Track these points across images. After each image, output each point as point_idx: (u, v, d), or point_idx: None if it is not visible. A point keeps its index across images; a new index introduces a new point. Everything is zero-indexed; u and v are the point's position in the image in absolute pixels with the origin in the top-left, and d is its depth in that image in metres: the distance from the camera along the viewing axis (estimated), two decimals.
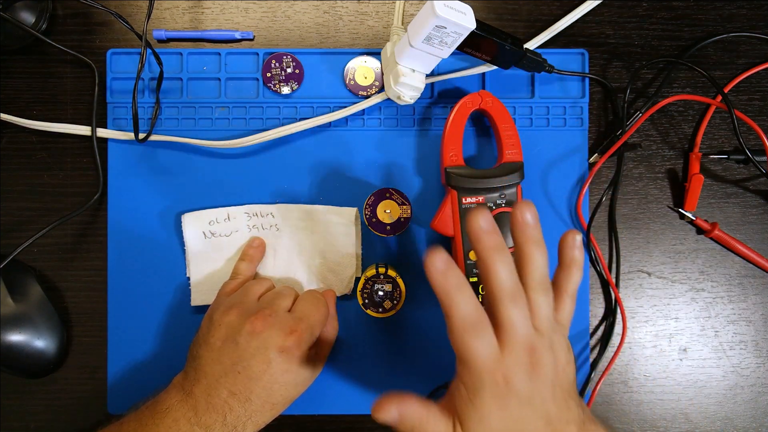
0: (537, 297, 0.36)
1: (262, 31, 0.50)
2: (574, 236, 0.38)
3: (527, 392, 0.35)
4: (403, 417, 0.36)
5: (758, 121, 0.48)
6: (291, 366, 0.41)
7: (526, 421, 0.35)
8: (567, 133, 0.50)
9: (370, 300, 0.46)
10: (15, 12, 0.47)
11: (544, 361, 0.36)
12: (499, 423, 0.35)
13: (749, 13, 0.51)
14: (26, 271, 0.48)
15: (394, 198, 0.47)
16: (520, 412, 0.35)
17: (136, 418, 0.41)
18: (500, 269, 0.35)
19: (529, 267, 0.36)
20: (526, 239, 0.36)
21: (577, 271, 0.38)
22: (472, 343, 0.34)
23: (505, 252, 0.35)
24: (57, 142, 0.50)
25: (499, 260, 0.35)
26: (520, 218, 0.36)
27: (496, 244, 0.35)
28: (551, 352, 0.36)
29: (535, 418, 0.36)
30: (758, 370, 0.50)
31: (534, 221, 0.36)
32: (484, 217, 0.35)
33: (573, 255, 0.38)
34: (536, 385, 0.35)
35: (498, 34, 0.44)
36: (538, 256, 0.36)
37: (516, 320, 0.35)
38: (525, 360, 0.35)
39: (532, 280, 0.36)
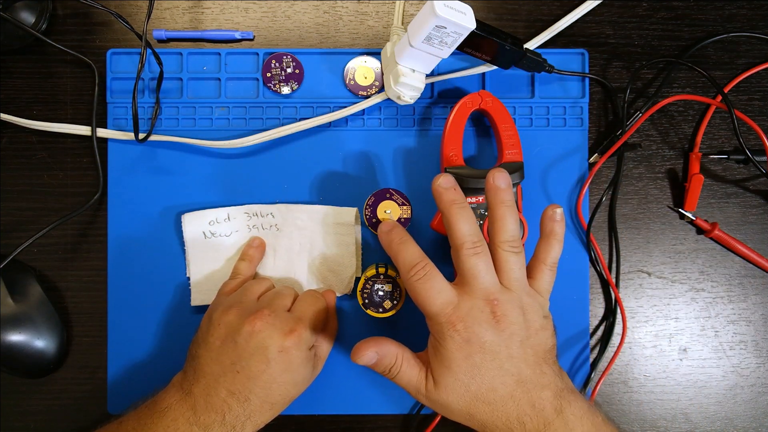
0: (506, 255, 0.38)
1: (262, 31, 0.50)
2: (554, 209, 0.40)
3: (491, 343, 0.36)
4: (381, 357, 0.39)
5: (758, 121, 0.48)
6: (290, 366, 0.41)
7: (492, 374, 0.36)
8: (567, 133, 0.50)
9: (370, 300, 0.46)
10: (15, 12, 0.47)
11: (510, 316, 0.37)
12: (466, 373, 0.36)
13: (749, 13, 0.51)
14: (26, 271, 0.49)
15: (394, 198, 0.47)
16: (484, 361, 0.36)
17: (135, 417, 0.41)
18: (460, 221, 0.37)
19: (498, 227, 0.38)
20: (497, 202, 0.38)
21: (557, 243, 0.40)
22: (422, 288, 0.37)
23: (466, 207, 0.38)
24: (57, 142, 0.50)
25: (459, 213, 0.37)
26: (492, 182, 0.39)
27: (456, 198, 0.38)
28: (520, 310, 0.37)
29: (502, 374, 0.36)
30: (758, 370, 0.50)
31: (505, 185, 0.39)
32: (444, 177, 0.38)
33: (552, 227, 0.40)
34: (502, 339, 0.36)
35: (498, 34, 0.44)
36: (507, 218, 0.38)
37: (475, 269, 0.37)
38: (486, 309, 0.37)
39: (501, 240, 0.38)
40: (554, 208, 0.40)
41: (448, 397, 0.37)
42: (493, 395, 0.37)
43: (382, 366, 0.39)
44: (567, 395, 0.37)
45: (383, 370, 0.40)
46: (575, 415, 0.37)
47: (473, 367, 0.36)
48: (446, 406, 0.38)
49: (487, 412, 0.37)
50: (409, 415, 0.49)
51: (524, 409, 0.36)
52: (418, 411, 0.49)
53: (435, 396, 0.38)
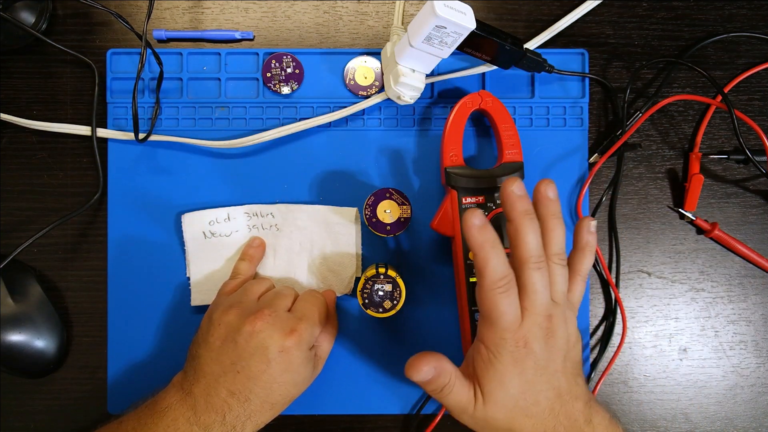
0: (556, 269, 0.38)
1: (262, 31, 0.50)
2: (589, 221, 0.40)
3: (543, 359, 0.37)
4: (437, 375, 0.37)
5: (758, 121, 0.48)
6: (290, 366, 0.41)
7: (539, 388, 0.37)
8: (567, 133, 0.50)
9: (370, 300, 0.46)
10: (15, 12, 0.47)
11: (559, 331, 0.37)
12: (517, 388, 0.37)
13: (749, 13, 0.51)
14: (26, 271, 0.48)
15: (394, 198, 0.47)
16: (534, 377, 0.37)
17: (135, 417, 0.41)
18: (530, 235, 0.37)
19: (550, 239, 0.38)
20: (548, 213, 0.38)
21: (590, 255, 0.40)
22: (500, 302, 0.35)
23: (536, 220, 0.37)
24: (57, 142, 0.50)
25: (529, 226, 0.37)
26: (543, 193, 0.38)
27: (530, 210, 0.37)
28: (565, 324, 0.38)
29: (547, 388, 0.37)
30: (758, 370, 0.50)
31: (555, 197, 0.38)
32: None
33: (588, 239, 0.40)
34: (551, 353, 0.37)
35: (498, 34, 0.44)
36: (558, 230, 0.38)
37: (539, 286, 0.36)
38: (543, 326, 0.37)
39: (553, 252, 0.38)
40: (589, 220, 0.40)
41: (496, 413, 0.37)
42: (536, 408, 0.37)
43: (436, 384, 0.37)
44: (594, 405, 0.38)
45: (435, 389, 0.38)
46: (602, 425, 0.38)
47: (526, 383, 0.36)
48: (491, 421, 0.37)
49: (528, 425, 0.37)
50: (409, 415, 0.49)
51: (561, 420, 0.37)
52: (418, 411, 0.49)
53: (482, 413, 0.37)
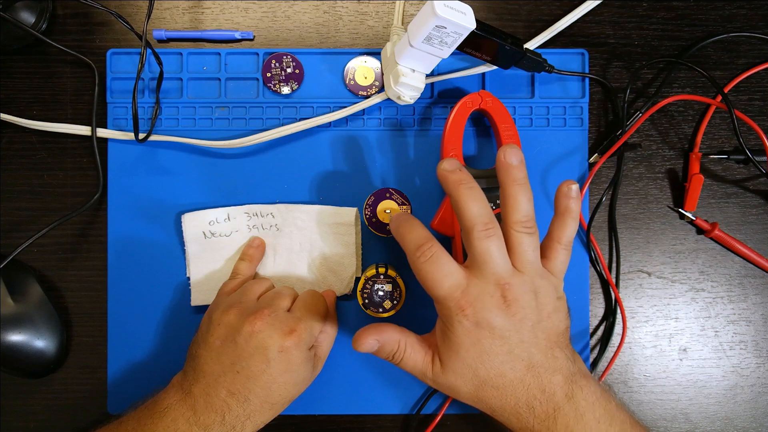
0: (518, 237, 0.36)
1: (262, 31, 0.50)
2: (569, 185, 0.38)
3: (500, 328, 0.35)
4: (382, 344, 0.38)
5: (758, 121, 0.48)
6: (290, 366, 0.41)
7: (501, 359, 0.35)
8: (567, 133, 0.50)
9: (370, 300, 0.46)
10: (15, 12, 0.47)
11: (522, 301, 0.35)
12: (474, 356, 0.36)
13: (749, 13, 0.51)
14: (26, 271, 0.48)
15: (394, 198, 0.47)
16: (493, 346, 0.35)
17: (135, 417, 0.41)
18: (470, 202, 0.36)
19: (510, 207, 0.36)
20: (510, 180, 0.37)
21: (572, 221, 0.38)
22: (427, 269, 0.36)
23: (476, 188, 0.36)
24: (57, 142, 0.50)
25: (468, 194, 0.36)
26: (503, 159, 0.37)
27: (462, 178, 0.36)
28: (532, 293, 0.36)
29: (511, 359, 0.35)
30: (758, 370, 0.50)
31: (518, 162, 0.37)
32: (448, 161, 0.36)
33: (567, 204, 0.38)
34: (512, 324, 0.35)
35: (498, 34, 0.44)
36: (520, 196, 0.36)
37: (487, 253, 0.35)
38: (496, 294, 0.35)
39: (514, 220, 0.36)
40: (569, 184, 0.38)
41: (456, 381, 0.37)
42: (502, 380, 0.36)
43: (384, 353, 0.39)
44: (579, 380, 0.36)
45: (386, 357, 0.39)
46: (587, 401, 0.36)
47: (482, 353, 0.35)
48: (453, 389, 0.38)
49: (496, 396, 0.36)
50: (409, 415, 0.49)
51: (534, 394, 0.36)
52: (418, 411, 0.49)
53: (442, 379, 0.37)
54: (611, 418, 0.37)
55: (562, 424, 0.35)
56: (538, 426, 0.36)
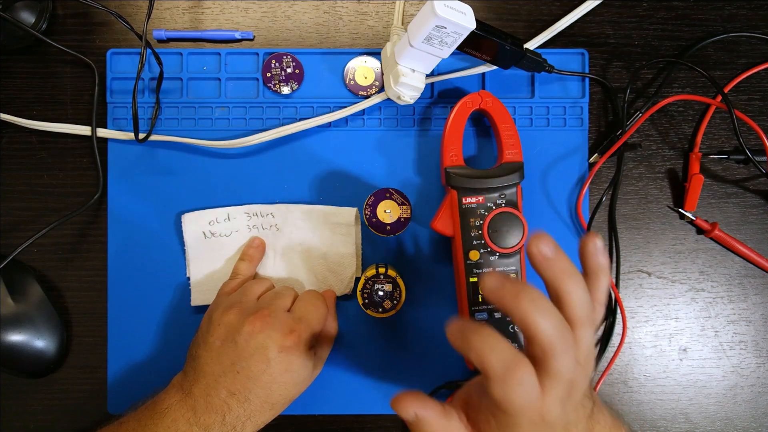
0: (583, 332, 0.33)
1: (262, 31, 0.50)
2: (595, 242, 0.34)
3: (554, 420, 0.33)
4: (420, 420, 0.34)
5: (758, 121, 0.48)
6: (290, 366, 0.41)
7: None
8: (567, 133, 0.50)
9: (370, 300, 0.46)
10: (15, 12, 0.47)
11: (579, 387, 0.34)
12: None
13: (749, 13, 0.51)
14: (26, 271, 0.48)
15: (394, 198, 0.47)
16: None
17: (135, 417, 0.41)
18: (544, 319, 0.31)
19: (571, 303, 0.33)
20: (556, 275, 0.32)
21: (605, 277, 0.35)
22: (521, 395, 0.31)
23: (546, 304, 0.32)
24: (57, 142, 0.50)
25: (544, 313, 0.31)
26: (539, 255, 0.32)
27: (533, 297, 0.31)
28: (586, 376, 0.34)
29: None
30: (758, 370, 0.50)
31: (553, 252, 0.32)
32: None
33: (598, 262, 0.35)
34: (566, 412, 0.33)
35: (498, 34, 0.44)
36: (576, 289, 0.33)
37: (565, 366, 0.32)
38: (563, 395, 0.33)
39: (577, 318, 0.33)
40: (593, 239, 0.34)
41: None
42: None
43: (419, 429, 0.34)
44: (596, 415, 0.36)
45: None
46: None
47: None
48: None
49: None
50: None
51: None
52: None
53: None
54: None
55: None
56: None
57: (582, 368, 0.34)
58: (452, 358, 0.49)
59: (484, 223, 0.45)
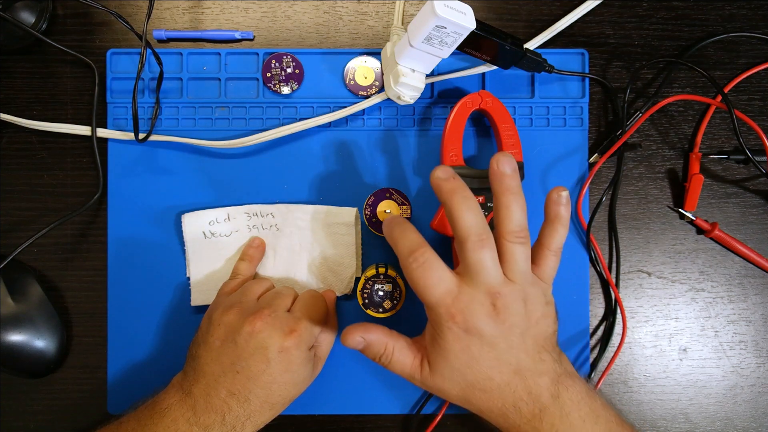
0: (510, 247, 0.37)
1: (262, 31, 0.50)
2: (559, 192, 0.38)
3: (490, 336, 0.36)
4: (368, 344, 0.39)
5: (758, 121, 0.48)
6: (290, 366, 0.41)
7: (489, 364, 0.36)
8: (567, 133, 0.50)
9: (370, 300, 0.46)
10: (15, 12, 0.47)
11: (512, 309, 0.36)
12: (462, 362, 0.36)
13: (749, 13, 0.51)
14: (26, 271, 0.48)
15: (394, 198, 0.47)
16: (481, 353, 0.36)
17: (135, 417, 0.41)
18: (464, 212, 0.35)
19: (504, 217, 0.37)
20: (503, 189, 0.37)
21: (562, 228, 0.39)
22: (422, 275, 0.36)
23: (470, 197, 0.36)
24: (57, 142, 0.50)
25: (462, 204, 0.36)
26: (497, 168, 0.36)
27: (456, 187, 0.36)
28: (522, 302, 0.37)
29: (499, 364, 0.36)
30: (758, 370, 0.50)
31: (511, 171, 0.37)
32: (442, 169, 0.36)
33: (558, 210, 0.38)
34: (501, 331, 0.36)
35: (498, 34, 0.44)
36: (514, 206, 0.36)
37: (480, 263, 0.35)
38: (486, 302, 0.36)
39: (507, 230, 0.36)
40: (559, 191, 0.38)
41: (444, 384, 0.38)
42: (489, 383, 0.37)
43: (371, 353, 0.40)
44: (565, 380, 0.37)
45: (372, 357, 0.40)
46: (572, 400, 0.37)
47: (470, 359, 0.36)
48: (442, 391, 0.39)
49: (483, 399, 0.37)
50: (409, 415, 0.49)
51: (520, 396, 0.37)
52: (418, 411, 0.49)
53: (430, 382, 0.39)
54: (596, 417, 0.37)
55: (548, 423, 0.36)
56: (524, 426, 0.37)
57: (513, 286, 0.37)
58: None
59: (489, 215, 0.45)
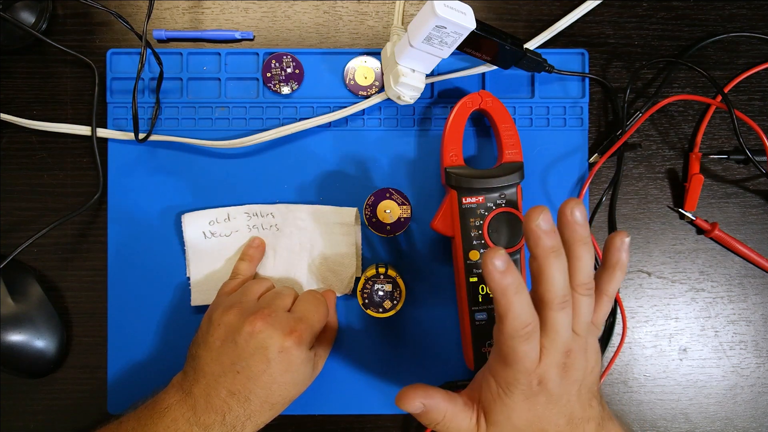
0: (581, 300, 0.35)
1: (262, 31, 0.50)
2: (623, 238, 0.37)
3: (557, 393, 0.35)
4: (428, 410, 0.36)
5: (758, 121, 0.48)
6: (290, 366, 0.41)
7: (549, 419, 0.36)
8: (567, 133, 0.50)
9: (370, 300, 0.46)
10: (15, 12, 0.47)
11: (577, 364, 0.36)
12: (525, 421, 0.36)
13: (749, 13, 0.51)
14: (26, 271, 0.48)
15: (394, 198, 0.47)
16: (545, 411, 0.36)
17: (135, 417, 0.41)
18: (556, 274, 0.34)
19: (576, 268, 0.35)
20: (576, 239, 0.35)
21: (621, 274, 0.37)
22: (521, 347, 0.34)
23: (563, 256, 0.34)
24: (57, 142, 0.50)
25: (555, 264, 0.34)
26: (570, 217, 0.35)
27: (555, 246, 0.34)
28: (584, 354, 0.36)
29: (557, 416, 0.36)
30: (758, 370, 0.50)
31: (583, 220, 0.35)
32: (544, 217, 0.33)
33: (619, 257, 0.37)
34: (566, 387, 0.36)
35: (498, 34, 0.44)
36: (586, 257, 0.35)
37: (561, 326, 0.34)
38: (560, 363, 0.35)
39: (578, 282, 0.35)
40: (622, 236, 0.36)
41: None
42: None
43: (427, 420, 0.37)
44: (607, 423, 0.38)
45: (427, 423, 0.38)
46: None
47: (534, 416, 0.36)
48: None
49: None
50: (410, 415, 0.49)
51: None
52: None
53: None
54: None
55: None
56: None
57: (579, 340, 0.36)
58: (452, 358, 0.49)
59: (484, 223, 0.45)
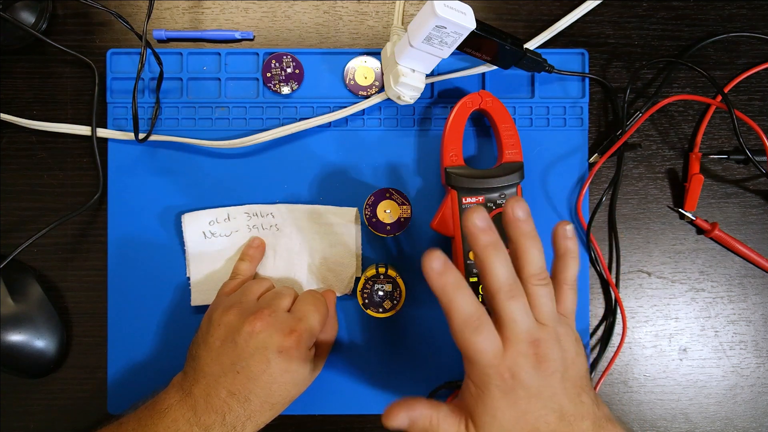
0: (536, 290, 0.37)
1: (262, 31, 0.50)
2: (564, 227, 0.39)
3: (535, 386, 0.35)
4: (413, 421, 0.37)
5: (758, 121, 0.48)
6: (290, 366, 0.41)
7: (536, 415, 0.36)
8: (567, 133, 0.50)
9: (370, 300, 0.46)
10: (15, 12, 0.47)
11: (551, 354, 0.36)
12: (510, 419, 0.36)
13: (749, 13, 0.51)
14: (26, 271, 0.48)
15: (394, 198, 0.47)
16: (529, 405, 0.35)
17: (135, 417, 0.41)
18: (496, 265, 0.35)
19: (525, 261, 0.37)
20: (519, 234, 0.37)
21: (573, 261, 0.39)
22: (473, 340, 0.34)
23: (501, 248, 0.36)
24: (57, 142, 0.50)
25: (494, 257, 0.35)
26: (511, 214, 0.37)
27: (492, 241, 0.35)
28: (558, 344, 0.36)
29: (546, 412, 0.36)
30: (758, 370, 0.50)
31: (525, 215, 0.37)
32: (479, 215, 0.35)
33: (566, 245, 0.39)
34: (545, 379, 0.36)
35: (498, 34, 0.44)
36: (532, 250, 0.37)
37: (515, 314, 0.35)
38: (529, 353, 0.35)
39: (529, 274, 0.37)
40: (564, 225, 0.39)
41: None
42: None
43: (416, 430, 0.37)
44: (605, 423, 0.37)
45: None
46: None
47: (519, 413, 0.35)
48: None
49: None
50: None
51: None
52: None
53: None
54: None
55: None
56: None
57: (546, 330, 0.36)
58: (452, 358, 0.49)
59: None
